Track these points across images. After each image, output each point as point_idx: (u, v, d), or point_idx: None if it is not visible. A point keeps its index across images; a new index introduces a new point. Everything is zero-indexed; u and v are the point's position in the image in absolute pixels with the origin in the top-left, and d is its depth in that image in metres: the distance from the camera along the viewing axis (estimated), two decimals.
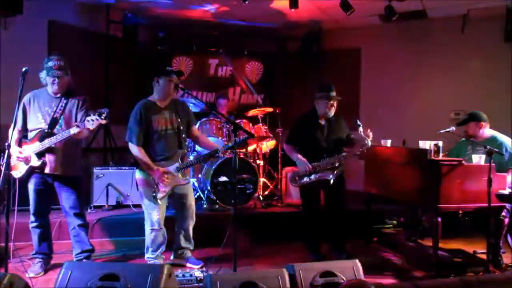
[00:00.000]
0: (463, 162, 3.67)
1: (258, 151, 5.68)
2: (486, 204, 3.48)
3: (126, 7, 6.19)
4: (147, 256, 3.76)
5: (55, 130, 3.48)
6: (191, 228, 3.89)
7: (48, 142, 3.40)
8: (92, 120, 3.29)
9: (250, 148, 5.71)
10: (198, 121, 5.30)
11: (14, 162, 3.40)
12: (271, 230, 4.87)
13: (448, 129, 4.13)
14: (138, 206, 4.58)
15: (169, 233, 3.83)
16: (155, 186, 3.60)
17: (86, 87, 5.51)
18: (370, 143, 3.95)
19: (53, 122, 3.50)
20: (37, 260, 3.66)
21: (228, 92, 7.06)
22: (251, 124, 5.62)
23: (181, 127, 3.73)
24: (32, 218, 3.60)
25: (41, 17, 5.42)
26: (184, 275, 3.30)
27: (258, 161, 5.59)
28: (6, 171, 2.89)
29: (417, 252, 4.48)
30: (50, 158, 3.48)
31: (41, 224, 3.64)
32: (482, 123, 4.07)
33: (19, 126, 3.49)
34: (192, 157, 5.00)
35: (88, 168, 5.06)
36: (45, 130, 3.47)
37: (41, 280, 3.50)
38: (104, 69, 6.17)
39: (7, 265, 2.95)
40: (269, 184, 5.82)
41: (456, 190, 3.61)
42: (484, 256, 3.87)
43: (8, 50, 4.87)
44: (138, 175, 3.66)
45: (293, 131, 4.23)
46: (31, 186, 3.56)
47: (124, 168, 5.16)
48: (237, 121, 5.52)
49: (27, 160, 3.44)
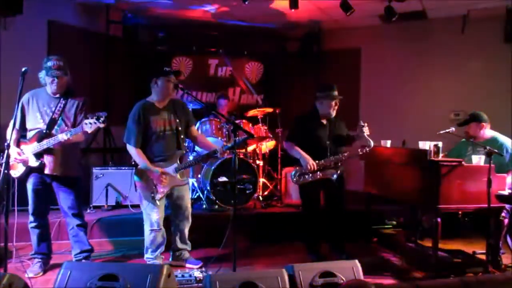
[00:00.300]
0: (463, 162, 3.67)
1: (258, 152, 5.66)
2: (486, 205, 3.48)
3: (126, 7, 6.19)
4: (146, 256, 3.76)
5: (54, 131, 3.47)
6: (187, 229, 3.89)
7: (46, 143, 3.40)
8: (90, 123, 3.29)
9: (250, 148, 5.70)
10: (198, 121, 5.31)
11: (12, 162, 3.38)
12: (270, 230, 4.86)
13: (448, 130, 4.10)
14: (137, 207, 4.57)
15: (167, 234, 3.82)
16: (154, 187, 3.60)
17: (86, 87, 5.53)
18: (372, 145, 3.95)
19: (52, 123, 3.49)
20: (36, 260, 3.65)
21: (228, 93, 7.05)
22: (250, 125, 5.61)
23: (180, 128, 3.73)
24: (31, 218, 3.60)
25: (40, 17, 5.42)
26: (183, 275, 3.29)
27: (257, 162, 5.58)
28: (5, 171, 2.89)
29: (416, 253, 4.47)
30: (48, 159, 3.48)
31: (40, 224, 3.63)
32: (483, 123, 4.07)
33: (17, 126, 3.48)
34: (191, 157, 5.00)
35: (88, 168, 5.07)
36: (44, 131, 3.46)
37: (40, 280, 3.50)
38: (104, 69, 6.17)
39: (6, 265, 2.95)
40: (268, 185, 5.81)
41: (455, 190, 3.61)
42: (484, 256, 3.86)
43: (8, 50, 4.87)
44: (136, 177, 3.65)
45: (294, 129, 4.19)
46: (29, 186, 3.55)
47: (123, 168, 5.17)
48: (237, 121, 5.51)
49: (25, 161, 3.44)
